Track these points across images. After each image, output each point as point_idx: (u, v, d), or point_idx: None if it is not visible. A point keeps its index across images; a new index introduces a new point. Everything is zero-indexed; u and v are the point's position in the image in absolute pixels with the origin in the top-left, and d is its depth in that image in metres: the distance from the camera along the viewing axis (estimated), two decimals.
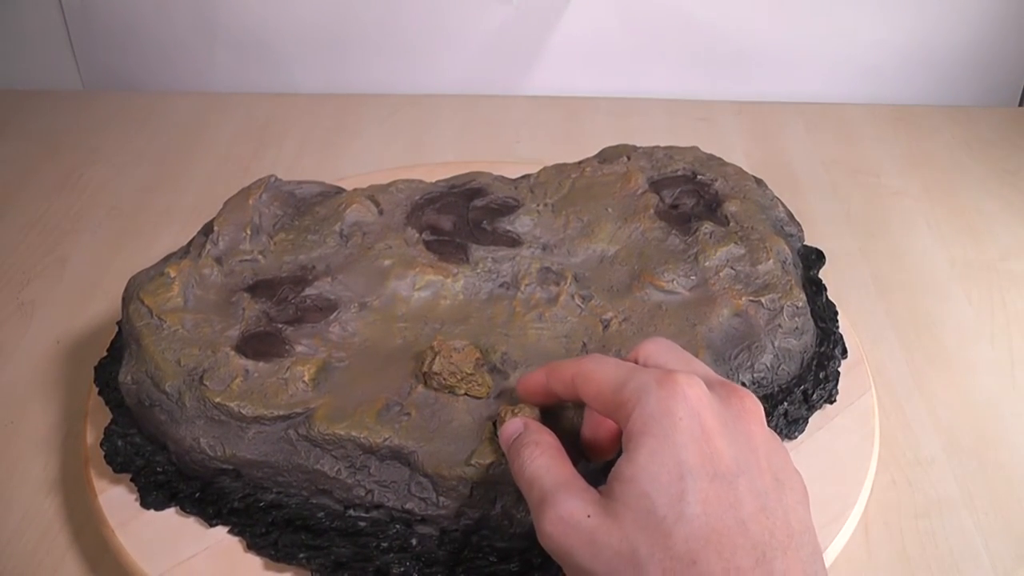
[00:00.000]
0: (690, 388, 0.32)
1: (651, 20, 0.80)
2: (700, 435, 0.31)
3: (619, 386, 0.33)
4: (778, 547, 0.29)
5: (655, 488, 0.30)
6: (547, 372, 0.36)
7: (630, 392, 0.32)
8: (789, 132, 0.77)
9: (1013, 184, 0.71)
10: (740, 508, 0.30)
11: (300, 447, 0.40)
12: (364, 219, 0.51)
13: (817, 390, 0.46)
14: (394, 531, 0.39)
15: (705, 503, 0.29)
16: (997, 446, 0.50)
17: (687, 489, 0.30)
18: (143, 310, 0.44)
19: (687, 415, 0.31)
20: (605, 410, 0.34)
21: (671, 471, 0.30)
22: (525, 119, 0.79)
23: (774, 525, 0.30)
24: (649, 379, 0.32)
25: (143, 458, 0.43)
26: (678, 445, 0.30)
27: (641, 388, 0.32)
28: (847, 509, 0.42)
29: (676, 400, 0.31)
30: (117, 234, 0.66)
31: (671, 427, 0.31)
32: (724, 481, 0.30)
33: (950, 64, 0.81)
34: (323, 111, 0.80)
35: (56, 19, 0.82)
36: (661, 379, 0.32)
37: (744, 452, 0.31)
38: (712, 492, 0.30)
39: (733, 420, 0.32)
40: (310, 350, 0.43)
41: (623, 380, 0.33)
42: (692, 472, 0.30)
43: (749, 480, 0.31)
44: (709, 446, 0.31)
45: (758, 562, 0.29)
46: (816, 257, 0.53)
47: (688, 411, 0.31)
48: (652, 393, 0.32)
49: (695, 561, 0.29)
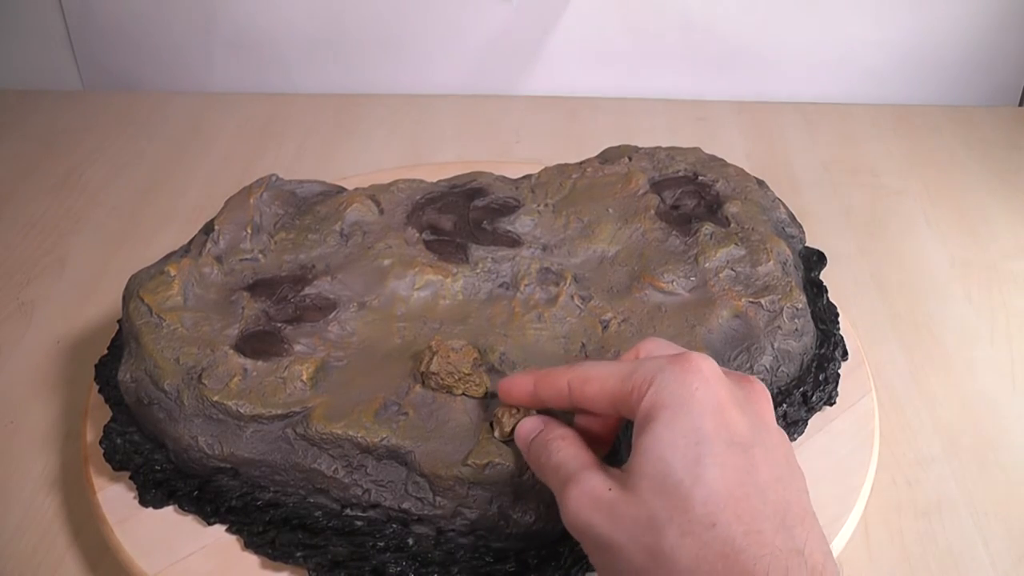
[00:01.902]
0: (704, 363, 0.32)
1: (651, 20, 0.80)
2: (716, 405, 0.31)
3: (626, 377, 0.33)
4: (795, 518, 0.30)
5: (672, 453, 0.30)
6: (536, 380, 0.36)
7: (641, 377, 0.32)
8: (789, 132, 0.77)
9: (1013, 184, 0.71)
10: (757, 474, 0.30)
11: (298, 446, 0.40)
12: (364, 218, 0.51)
13: (816, 392, 0.46)
14: (391, 530, 0.39)
15: (723, 467, 0.30)
16: (997, 446, 0.50)
17: (704, 453, 0.30)
18: (143, 308, 0.44)
19: (702, 387, 0.31)
20: (611, 405, 0.34)
21: (688, 437, 0.30)
22: (525, 119, 0.79)
23: (789, 497, 0.30)
24: (661, 361, 0.33)
25: (142, 456, 0.43)
26: (694, 413, 0.31)
27: (654, 369, 0.32)
28: (847, 509, 0.42)
29: (691, 374, 0.31)
30: (117, 234, 0.66)
31: (688, 397, 0.31)
32: (740, 448, 0.30)
33: (950, 64, 0.81)
34: (323, 111, 0.80)
35: (56, 19, 0.82)
36: (674, 358, 0.32)
37: (757, 426, 0.32)
38: (729, 457, 0.30)
39: (745, 399, 0.33)
40: (309, 349, 0.43)
41: (629, 371, 0.33)
42: (709, 438, 0.30)
43: (764, 451, 0.31)
44: (724, 416, 0.31)
45: (778, 527, 0.29)
46: (817, 259, 0.53)
47: (703, 383, 0.31)
48: (666, 371, 0.32)
49: (715, 524, 0.29)
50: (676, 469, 0.30)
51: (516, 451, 0.38)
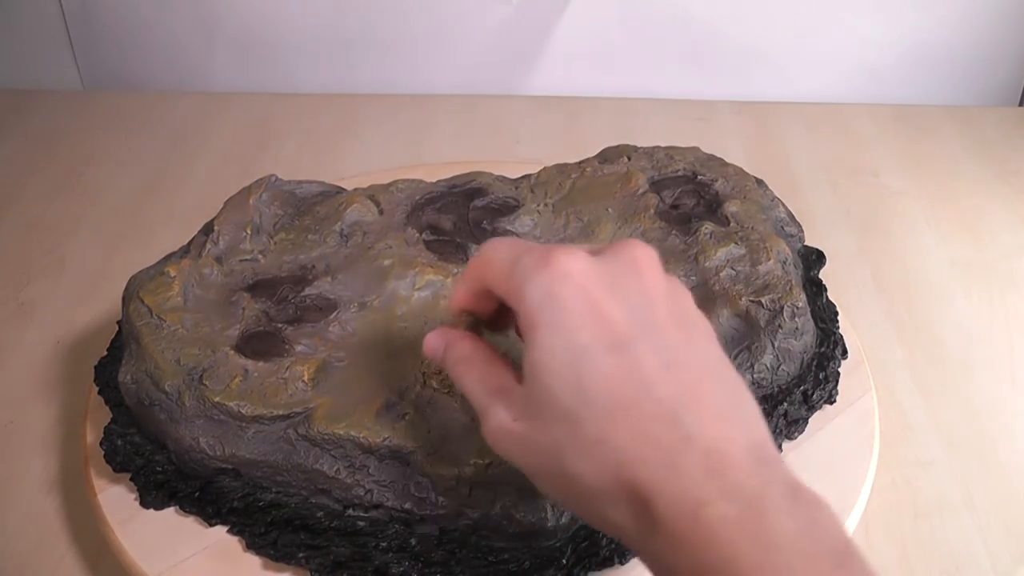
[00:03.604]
0: (572, 263, 0.30)
1: (651, 20, 0.80)
2: (589, 310, 0.30)
3: (509, 272, 0.32)
4: (689, 400, 0.29)
5: (555, 380, 0.29)
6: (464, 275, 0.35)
7: (516, 280, 0.31)
8: (789, 132, 0.77)
9: (1013, 184, 0.71)
10: (641, 372, 0.29)
11: (299, 447, 0.40)
12: (364, 219, 0.51)
13: (817, 390, 0.46)
14: (393, 531, 0.39)
15: (606, 378, 0.29)
16: (997, 446, 0.50)
17: (584, 372, 0.29)
18: (143, 309, 0.44)
19: (572, 294, 0.30)
20: (505, 297, 0.32)
21: (565, 358, 0.29)
22: (525, 119, 0.79)
23: (682, 378, 0.29)
24: (529, 263, 0.31)
25: (143, 457, 0.43)
26: (567, 328, 0.30)
27: (523, 274, 0.31)
28: (847, 509, 0.42)
29: (557, 282, 0.30)
30: (117, 234, 0.66)
31: (558, 311, 0.30)
32: (621, 349, 0.29)
33: (950, 64, 0.81)
34: (323, 111, 0.80)
35: (56, 19, 0.82)
36: (540, 262, 0.31)
37: (640, 310, 0.30)
38: (610, 365, 0.29)
39: (623, 280, 0.31)
40: (310, 350, 0.43)
41: (511, 264, 0.32)
42: (587, 352, 0.29)
43: (648, 339, 0.30)
44: (600, 318, 0.30)
45: (667, 422, 0.28)
46: (816, 258, 0.53)
47: (572, 289, 0.30)
48: (533, 279, 0.30)
49: (604, 439, 0.28)
50: (563, 397, 0.29)
51: None
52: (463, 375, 0.34)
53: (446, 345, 0.35)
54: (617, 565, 0.39)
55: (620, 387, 0.29)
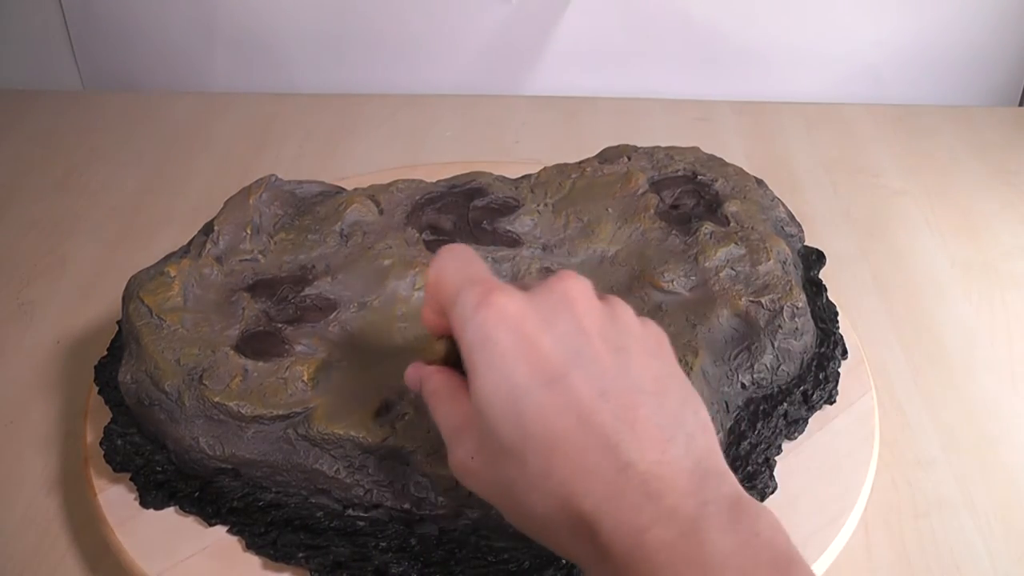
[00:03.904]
0: (508, 303, 0.31)
1: (651, 20, 0.80)
2: (523, 348, 0.30)
3: (453, 301, 0.32)
4: (625, 426, 0.29)
5: (497, 419, 0.30)
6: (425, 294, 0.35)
7: (457, 316, 0.31)
8: (789, 132, 0.77)
9: (1013, 184, 0.71)
10: (577, 404, 0.29)
11: (299, 446, 0.40)
12: (364, 219, 0.51)
13: (817, 391, 0.46)
14: (393, 531, 0.39)
15: (542, 416, 0.29)
16: (997, 446, 0.50)
17: (523, 410, 0.29)
18: (143, 309, 0.44)
19: (506, 334, 0.30)
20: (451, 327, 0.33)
21: (504, 396, 0.30)
22: (525, 119, 0.79)
23: (617, 404, 0.29)
24: (468, 301, 0.31)
25: (142, 457, 0.43)
26: (503, 368, 0.30)
27: (462, 314, 0.31)
28: (847, 510, 0.42)
29: (491, 323, 0.30)
30: (117, 234, 0.66)
31: (493, 353, 0.30)
32: (556, 384, 0.29)
33: (950, 64, 0.81)
34: (323, 111, 0.80)
35: (56, 19, 0.82)
36: (477, 301, 0.31)
37: (573, 342, 0.30)
38: (546, 400, 0.29)
39: (556, 315, 0.31)
40: (309, 350, 0.43)
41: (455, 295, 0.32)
42: (524, 389, 0.29)
43: (582, 370, 0.30)
44: (535, 354, 0.30)
45: (605, 451, 0.28)
46: (816, 258, 0.53)
47: (507, 329, 0.30)
48: (471, 320, 0.31)
49: (548, 474, 0.29)
50: (505, 435, 0.30)
51: None
52: (434, 410, 0.34)
53: (420, 379, 0.35)
54: None
55: (557, 420, 0.29)
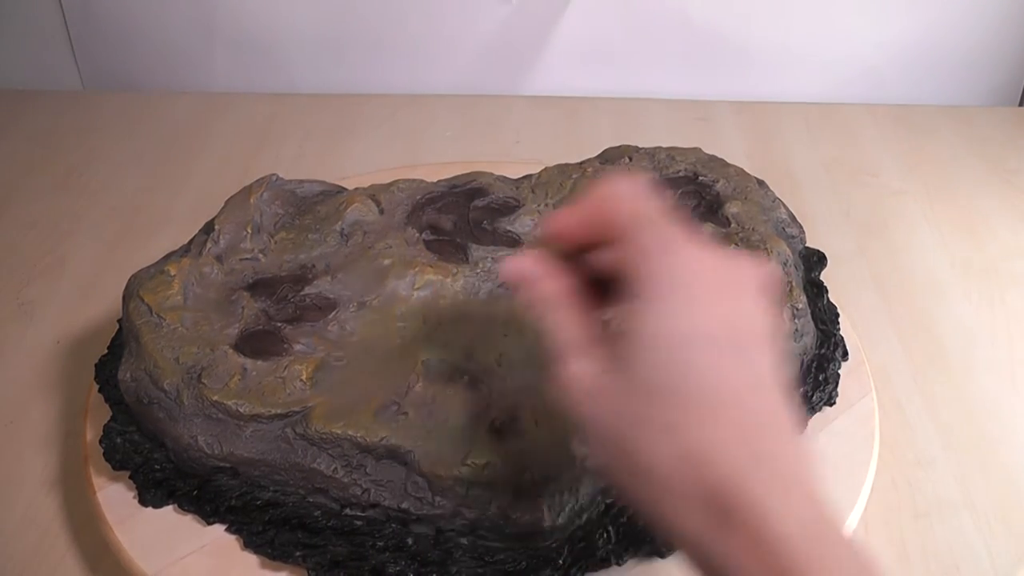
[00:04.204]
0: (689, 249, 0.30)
1: (651, 20, 0.80)
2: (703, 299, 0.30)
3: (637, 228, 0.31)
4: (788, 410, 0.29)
5: (661, 359, 0.29)
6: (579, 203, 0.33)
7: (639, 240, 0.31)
8: (789, 132, 0.77)
9: (1013, 184, 0.71)
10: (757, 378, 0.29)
11: (297, 446, 0.40)
12: (365, 218, 0.51)
13: (817, 392, 0.46)
14: (390, 530, 0.39)
15: (721, 373, 0.29)
16: (997, 446, 0.50)
17: (693, 359, 0.29)
18: (143, 308, 0.44)
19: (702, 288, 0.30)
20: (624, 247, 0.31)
21: (679, 341, 0.29)
22: (525, 119, 0.79)
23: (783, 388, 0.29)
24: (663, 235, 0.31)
25: (141, 455, 0.43)
26: (680, 314, 0.29)
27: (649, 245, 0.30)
28: (847, 510, 0.42)
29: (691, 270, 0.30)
30: (117, 234, 0.66)
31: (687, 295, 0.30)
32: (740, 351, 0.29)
33: (950, 64, 0.81)
34: (323, 111, 0.80)
35: (56, 19, 0.82)
36: (668, 243, 0.30)
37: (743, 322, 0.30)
38: (729, 362, 0.29)
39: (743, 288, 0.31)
40: (308, 349, 0.43)
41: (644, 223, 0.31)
42: (710, 341, 0.29)
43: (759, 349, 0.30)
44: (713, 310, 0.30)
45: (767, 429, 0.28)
46: (817, 259, 0.53)
47: (703, 283, 0.30)
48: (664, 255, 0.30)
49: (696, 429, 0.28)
50: (662, 374, 0.29)
51: (516, 451, 0.38)
52: (545, 315, 0.32)
53: (539, 276, 0.33)
54: (614, 565, 0.39)
55: (733, 385, 0.29)
